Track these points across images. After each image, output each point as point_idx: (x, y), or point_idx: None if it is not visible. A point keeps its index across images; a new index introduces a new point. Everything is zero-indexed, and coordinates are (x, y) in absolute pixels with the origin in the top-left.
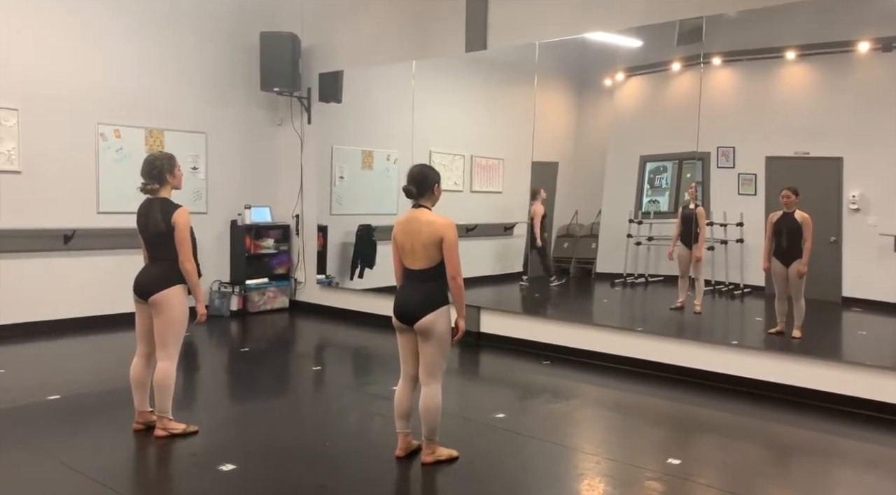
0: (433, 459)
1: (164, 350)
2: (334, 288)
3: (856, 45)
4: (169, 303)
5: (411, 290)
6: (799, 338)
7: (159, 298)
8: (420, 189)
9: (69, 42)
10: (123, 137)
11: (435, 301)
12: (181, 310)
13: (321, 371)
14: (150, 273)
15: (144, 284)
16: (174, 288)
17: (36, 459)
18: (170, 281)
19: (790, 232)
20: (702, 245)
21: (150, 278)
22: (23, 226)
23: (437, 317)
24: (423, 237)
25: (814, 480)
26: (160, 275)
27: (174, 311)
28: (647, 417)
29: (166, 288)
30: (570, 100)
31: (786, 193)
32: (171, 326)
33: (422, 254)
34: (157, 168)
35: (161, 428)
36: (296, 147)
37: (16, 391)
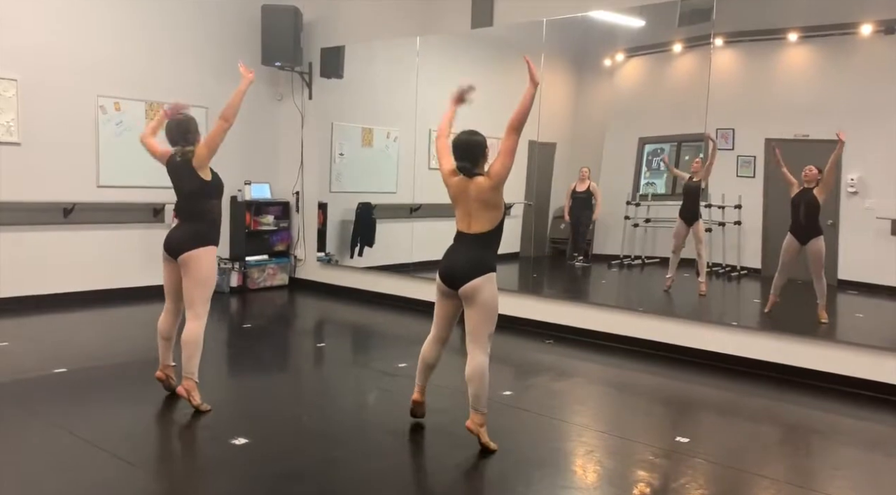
0: (477, 431)
1: (192, 309)
2: (334, 265)
3: (858, 28)
4: (198, 263)
5: (459, 253)
6: (826, 322)
7: (189, 257)
8: (474, 162)
9: (69, 12)
10: (123, 110)
11: (484, 266)
12: (211, 270)
13: (326, 347)
14: (182, 231)
15: (176, 243)
16: (205, 248)
17: (48, 430)
18: (202, 241)
19: (808, 208)
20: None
21: (183, 237)
22: (22, 198)
23: (484, 282)
24: (478, 202)
25: (823, 459)
26: (193, 234)
27: (203, 271)
28: (652, 395)
29: (197, 247)
30: (569, 80)
31: (809, 168)
32: (200, 286)
33: (478, 216)
34: (191, 131)
35: (184, 388)
36: (296, 123)
37: (21, 364)
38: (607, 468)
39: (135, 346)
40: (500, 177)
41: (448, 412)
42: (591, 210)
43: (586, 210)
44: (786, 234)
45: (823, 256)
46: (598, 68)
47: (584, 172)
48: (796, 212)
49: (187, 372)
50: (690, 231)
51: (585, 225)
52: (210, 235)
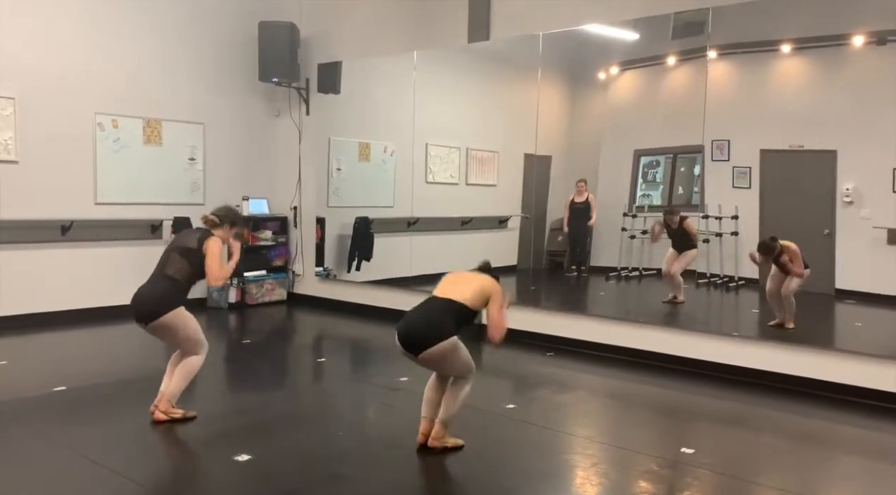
0: (440, 444)
1: (192, 351)
2: (332, 280)
3: (850, 39)
4: (169, 325)
5: (421, 314)
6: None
7: (158, 324)
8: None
9: (67, 31)
10: (121, 127)
11: (442, 331)
12: (187, 322)
13: (326, 362)
14: (150, 292)
15: (142, 308)
16: (172, 312)
17: (50, 449)
18: (167, 307)
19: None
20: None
21: (148, 303)
22: (20, 216)
23: (445, 346)
24: (474, 281)
25: (827, 469)
26: (158, 299)
27: (179, 325)
28: (654, 407)
29: (165, 314)
30: (565, 93)
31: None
32: (186, 336)
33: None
34: (231, 216)
35: (162, 412)
36: (294, 138)
37: (20, 383)
38: (613, 480)
39: (134, 363)
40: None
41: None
42: (589, 221)
43: (585, 221)
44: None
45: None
46: (594, 81)
47: (581, 185)
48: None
49: (170, 394)
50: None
51: (584, 236)
52: (177, 298)
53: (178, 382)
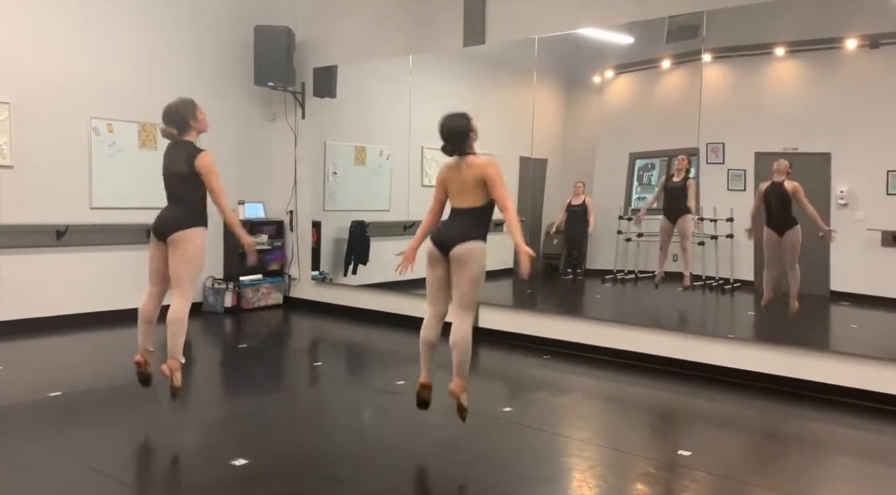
0: (459, 395)
1: (179, 287)
2: (328, 284)
3: (844, 42)
4: (185, 241)
5: (452, 223)
6: (797, 309)
7: (179, 236)
8: (457, 144)
9: (61, 35)
10: (116, 131)
11: (474, 233)
12: (199, 248)
13: (322, 366)
14: (170, 213)
15: (164, 224)
16: (195, 228)
17: (46, 455)
18: (191, 222)
19: (779, 200)
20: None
21: (171, 218)
22: (15, 221)
23: (474, 247)
24: (469, 180)
25: (824, 470)
26: (181, 215)
27: (191, 248)
28: (651, 409)
29: (187, 227)
30: (560, 96)
31: (778, 161)
32: (187, 263)
33: (471, 193)
34: (179, 115)
35: (168, 366)
36: (289, 142)
37: (16, 388)
38: (610, 482)
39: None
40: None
41: (446, 429)
42: (586, 224)
43: (582, 224)
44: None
45: (799, 246)
46: (589, 85)
47: (579, 187)
48: (768, 206)
49: (173, 351)
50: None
51: (581, 238)
52: (200, 217)
53: (175, 337)
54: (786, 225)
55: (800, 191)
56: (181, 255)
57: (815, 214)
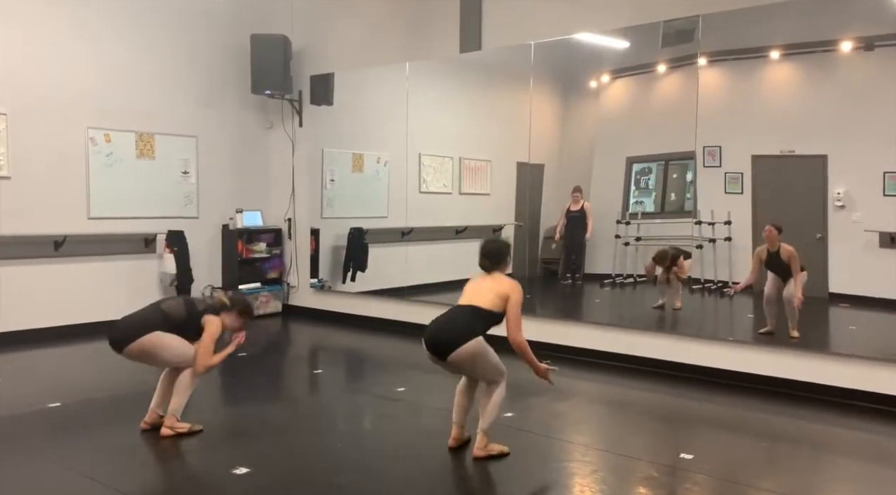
0: (485, 453)
1: (185, 365)
2: (327, 291)
3: (839, 45)
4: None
5: (446, 319)
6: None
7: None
8: (494, 263)
9: (58, 45)
10: (114, 142)
11: (467, 333)
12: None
13: (323, 374)
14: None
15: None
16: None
17: (47, 466)
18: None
19: (780, 267)
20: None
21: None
22: (13, 232)
23: (469, 348)
24: (490, 287)
25: (826, 472)
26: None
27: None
28: (652, 413)
29: (143, 334)
30: (556, 102)
31: (769, 229)
32: (172, 353)
33: (485, 296)
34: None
35: (168, 427)
36: (287, 150)
37: (15, 399)
38: (612, 486)
39: (128, 378)
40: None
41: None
42: (585, 229)
43: (580, 229)
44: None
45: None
46: (585, 90)
47: (577, 194)
48: (772, 270)
49: (172, 410)
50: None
51: (580, 244)
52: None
53: (179, 396)
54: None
55: (795, 259)
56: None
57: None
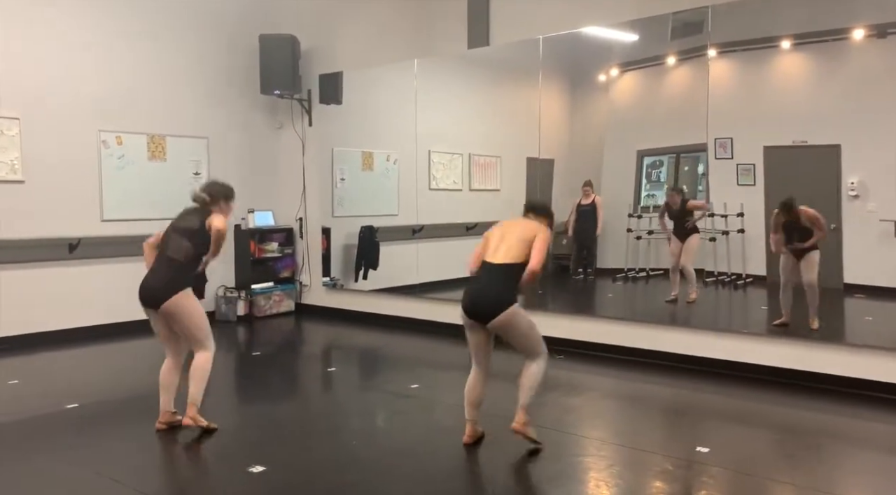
0: (524, 431)
1: (198, 344)
2: (339, 290)
3: (850, 33)
4: (182, 307)
5: (483, 284)
6: (817, 329)
7: (171, 306)
8: (537, 214)
9: (69, 50)
10: (125, 144)
11: (506, 299)
12: (196, 307)
13: (336, 372)
14: (156, 278)
15: (152, 292)
16: (182, 292)
17: (67, 467)
18: (176, 287)
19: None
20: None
21: (157, 285)
22: (28, 235)
23: (511, 313)
24: (517, 231)
25: (844, 464)
26: (168, 280)
27: (189, 311)
28: (667, 407)
29: (174, 294)
30: (565, 96)
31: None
32: (194, 325)
33: (510, 246)
34: (217, 188)
35: (190, 417)
36: (297, 150)
37: (33, 401)
38: (628, 481)
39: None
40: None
41: (461, 431)
42: (596, 223)
43: (591, 223)
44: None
45: (818, 266)
46: (594, 83)
47: (588, 188)
48: (788, 236)
49: (193, 398)
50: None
51: (591, 238)
52: (185, 279)
53: (197, 385)
54: (805, 250)
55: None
56: (185, 322)
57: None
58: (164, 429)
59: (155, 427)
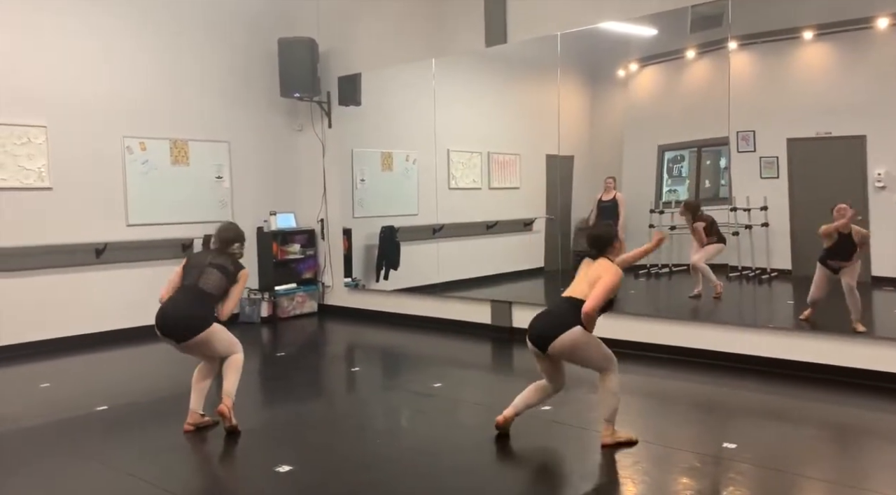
0: (612, 441)
1: (230, 354)
2: (361, 290)
3: (874, 22)
4: (212, 335)
5: (549, 311)
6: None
7: (203, 337)
8: (598, 250)
9: (92, 57)
10: (149, 149)
11: (568, 321)
12: (222, 329)
13: (359, 371)
14: (188, 310)
15: (183, 323)
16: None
17: (99, 468)
18: (209, 322)
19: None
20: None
21: (190, 316)
22: (56, 241)
23: (571, 336)
24: (592, 272)
25: (874, 458)
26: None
27: (219, 336)
28: (692, 403)
29: (209, 327)
30: (584, 92)
31: (842, 207)
32: (223, 347)
33: (585, 285)
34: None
35: (225, 405)
36: (317, 151)
37: (64, 404)
38: (655, 478)
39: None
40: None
41: (484, 429)
42: (616, 219)
43: (612, 219)
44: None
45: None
46: (613, 79)
47: (610, 182)
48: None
49: (227, 391)
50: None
51: None
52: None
53: (231, 379)
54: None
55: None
56: (214, 346)
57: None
58: (191, 431)
59: (183, 428)
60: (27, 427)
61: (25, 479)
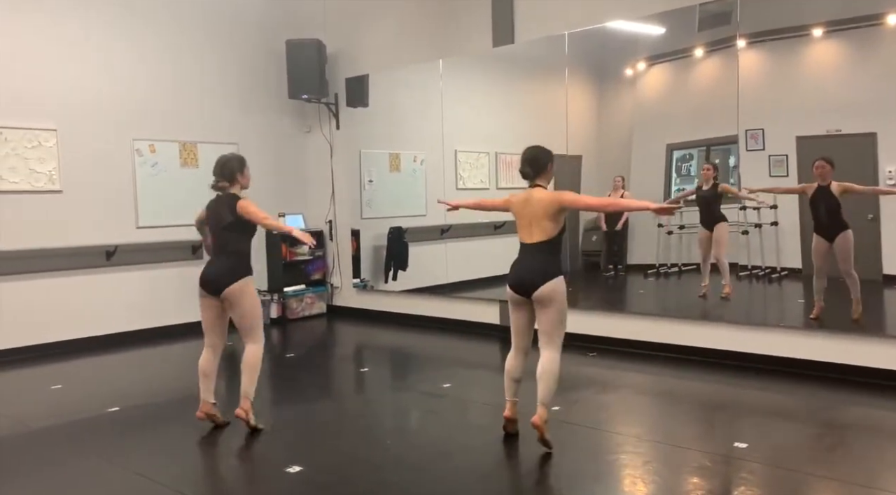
0: (542, 423)
1: (249, 336)
2: (370, 291)
3: (884, 18)
4: (241, 295)
5: (527, 262)
6: (861, 314)
7: (231, 292)
8: (535, 169)
9: (101, 61)
10: (158, 152)
11: (552, 270)
12: (255, 297)
13: (369, 372)
14: (218, 267)
15: (214, 279)
16: (244, 279)
17: (107, 468)
18: (238, 274)
19: (828, 206)
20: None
21: (219, 273)
22: (67, 244)
23: (556, 285)
24: (538, 212)
25: (886, 457)
26: (228, 269)
27: (248, 300)
28: (703, 403)
29: (236, 280)
30: (592, 92)
31: (820, 164)
32: (249, 315)
33: (537, 228)
34: (228, 168)
35: (243, 409)
36: (325, 153)
37: (76, 405)
38: (665, 478)
39: (182, 382)
40: (566, 203)
41: (494, 429)
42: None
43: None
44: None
45: (852, 250)
46: (621, 78)
47: (618, 182)
48: (817, 212)
49: (246, 392)
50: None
51: (621, 233)
52: (247, 268)
53: (249, 378)
54: (836, 230)
55: (850, 189)
56: (240, 310)
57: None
58: (203, 419)
59: (196, 416)
60: (38, 428)
61: (37, 480)
